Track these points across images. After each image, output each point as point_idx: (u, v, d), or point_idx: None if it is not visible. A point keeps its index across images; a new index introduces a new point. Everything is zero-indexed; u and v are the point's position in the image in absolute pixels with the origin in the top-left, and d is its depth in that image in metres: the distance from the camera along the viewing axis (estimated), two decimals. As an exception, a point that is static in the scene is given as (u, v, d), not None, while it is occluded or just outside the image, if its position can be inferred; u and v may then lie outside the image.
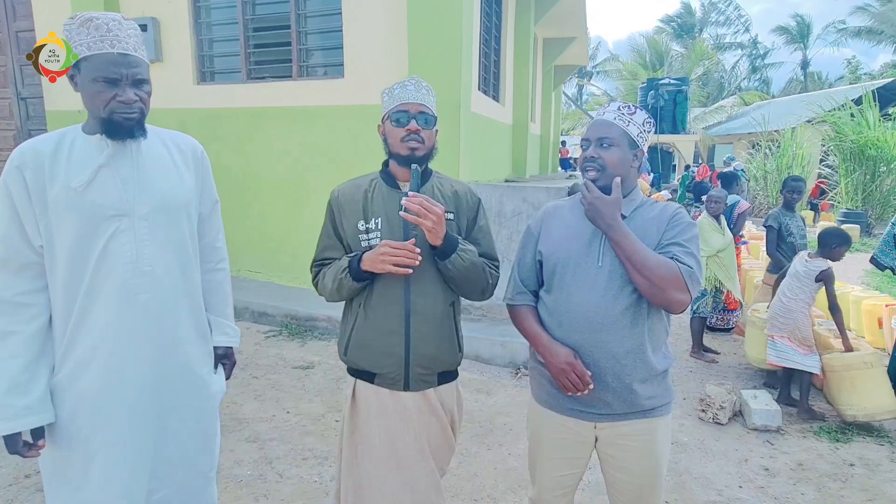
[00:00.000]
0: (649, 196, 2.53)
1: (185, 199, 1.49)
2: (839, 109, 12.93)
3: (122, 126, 1.34)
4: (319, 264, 1.68)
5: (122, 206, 1.37)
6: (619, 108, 1.58)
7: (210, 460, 1.58)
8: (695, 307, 4.50)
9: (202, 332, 1.57)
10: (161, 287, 1.42)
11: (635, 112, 1.57)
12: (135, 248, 1.38)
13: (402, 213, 1.45)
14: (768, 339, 3.64)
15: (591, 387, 1.52)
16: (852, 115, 12.23)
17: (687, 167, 13.48)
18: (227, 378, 1.72)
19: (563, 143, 17.19)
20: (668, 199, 7.41)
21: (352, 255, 1.57)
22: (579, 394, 1.53)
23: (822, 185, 13.74)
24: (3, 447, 2.69)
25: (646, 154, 1.65)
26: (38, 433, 1.35)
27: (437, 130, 1.66)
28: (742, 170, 12.05)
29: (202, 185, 1.58)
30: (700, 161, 17.49)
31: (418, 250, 1.49)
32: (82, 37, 1.29)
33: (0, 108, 6.42)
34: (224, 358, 1.68)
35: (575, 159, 17.05)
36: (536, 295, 1.68)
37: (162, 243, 1.43)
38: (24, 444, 1.34)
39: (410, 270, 1.49)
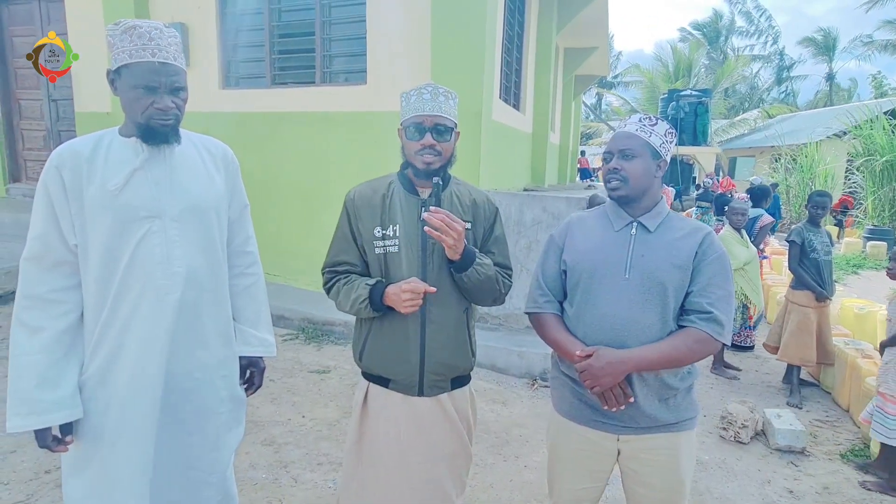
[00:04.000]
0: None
1: (215, 202, 1.51)
2: (869, 123, 12.62)
3: (158, 132, 1.37)
4: (333, 271, 1.66)
5: (155, 207, 1.39)
6: (640, 120, 1.58)
7: (214, 463, 1.56)
8: None
9: (226, 337, 1.57)
10: (189, 288, 1.44)
11: (657, 123, 1.56)
12: (165, 249, 1.40)
13: (425, 228, 1.45)
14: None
15: (632, 400, 1.49)
16: (886, 128, 11.90)
17: (701, 183, 13.24)
18: (254, 387, 1.71)
19: (583, 152, 17.09)
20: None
21: (372, 283, 1.55)
22: (614, 410, 1.50)
23: (845, 201, 13.42)
24: (22, 442, 2.74)
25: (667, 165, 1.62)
26: (66, 429, 1.38)
27: (457, 133, 1.62)
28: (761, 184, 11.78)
29: (232, 189, 1.60)
30: (721, 174, 17.25)
31: (433, 289, 1.51)
32: (125, 44, 1.32)
33: (32, 110, 6.60)
34: (249, 367, 1.68)
35: (594, 169, 16.94)
36: (561, 305, 1.66)
37: (191, 245, 1.44)
38: (54, 439, 1.37)
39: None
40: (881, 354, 3.07)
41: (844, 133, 13.37)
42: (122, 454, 1.40)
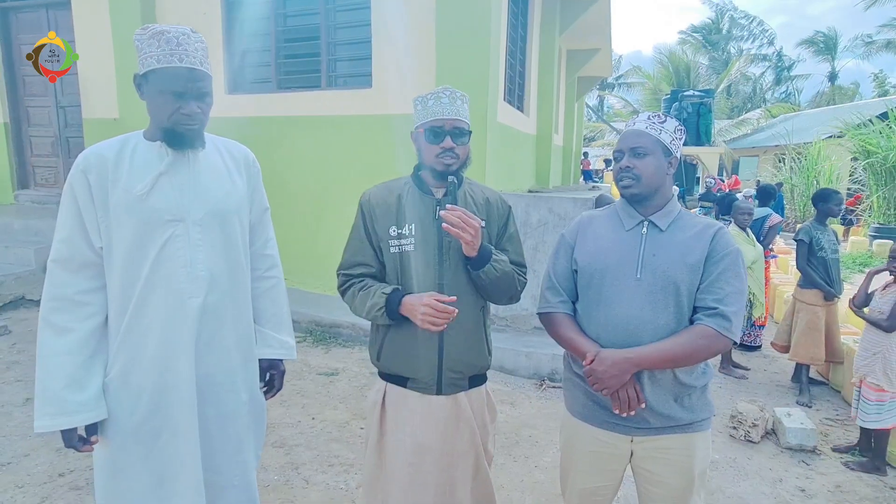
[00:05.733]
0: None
1: (237, 206, 1.52)
2: (866, 125, 12.58)
3: (183, 136, 1.39)
4: (348, 274, 1.67)
5: (179, 211, 1.41)
6: (649, 118, 1.57)
7: (236, 465, 1.57)
8: None
9: (247, 340, 1.58)
10: (212, 292, 1.45)
11: (665, 120, 1.56)
12: (189, 253, 1.41)
13: (443, 225, 1.46)
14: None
15: (643, 405, 1.48)
16: (880, 131, 11.87)
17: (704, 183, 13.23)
18: (274, 389, 1.71)
19: (585, 154, 17.09)
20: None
21: (389, 291, 1.55)
22: (624, 415, 1.49)
23: (859, 198, 13.35)
24: (36, 445, 2.76)
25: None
26: (91, 429, 1.39)
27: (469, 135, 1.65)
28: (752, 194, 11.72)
29: (253, 193, 1.61)
30: (725, 174, 17.23)
31: (456, 311, 1.48)
32: (152, 49, 1.34)
33: (40, 116, 6.65)
34: (270, 370, 1.69)
35: (596, 171, 16.91)
36: (573, 304, 1.66)
37: (214, 248, 1.46)
38: (79, 439, 1.38)
39: (445, 326, 1.50)
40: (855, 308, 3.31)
41: (848, 135, 13.29)
42: (169, 453, 1.42)
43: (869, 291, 3.28)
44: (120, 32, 5.49)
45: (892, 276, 3.11)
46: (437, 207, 1.58)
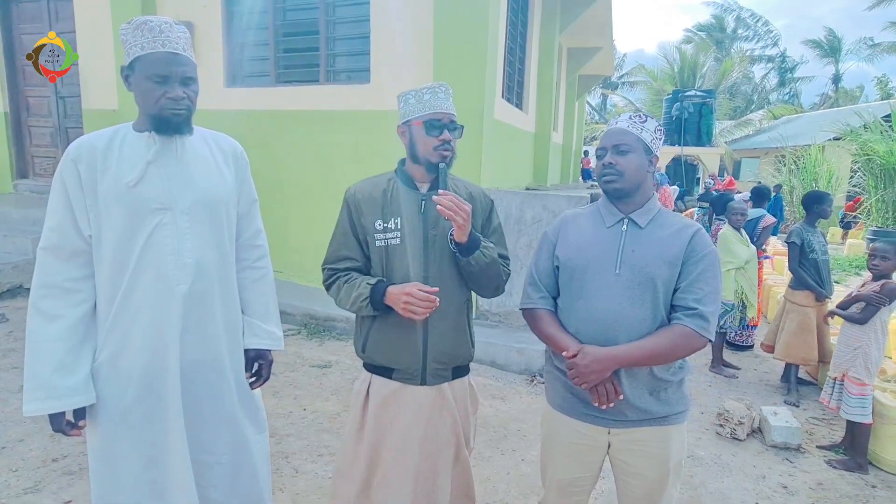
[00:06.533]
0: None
1: (225, 196, 1.56)
2: (866, 128, 12.55)
3: (171, 122, 1.42)
4: (333, 269, 1.70)
5: (166, 200, 1.44)
6: (630, 117, 1.61)
7: (225, 444, 1.59)
8: (721, 322, 4.45)
9: (234, 328, 1.61)
10: (198, 279, 1.48)
11: (646, 120, 1.60)
12: (176, 241, 1.44)
13: (438, 208, 1.49)
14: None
15: (621, 397, 1.52)
16: (882, 132, 11.85)
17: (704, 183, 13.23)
18: (262, 379, 1.73)
19: (586, 152, 17.09)
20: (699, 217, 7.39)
21: (373, 282, 1.59)
22: (603, 407, 1.53)
23: (859, 202, 13.33)
24: (30, 431, 2.80)
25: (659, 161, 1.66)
26: (79, 413, 1.42)
27: None
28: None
29: (241, 184, 1.64)
30: (725, 174, 17.23)
31: (437, 300, 1.53)
32: (137, 38, 1.38)
33: (39, 106, 6.67)
34: (257, 360, 1.70)
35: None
36: (554, 301, 1.69)
37: (201, 237, 1.49)
38: (68, 423, 1.41)
39: (427, 315, 1.55)
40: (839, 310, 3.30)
41: (848, 138, 13.26)
42: (158, 435, 1.45)
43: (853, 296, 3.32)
44: (121, 23, 5.48)
45: (871, 274, 3.16)
46: (423, 202, 1.62)
